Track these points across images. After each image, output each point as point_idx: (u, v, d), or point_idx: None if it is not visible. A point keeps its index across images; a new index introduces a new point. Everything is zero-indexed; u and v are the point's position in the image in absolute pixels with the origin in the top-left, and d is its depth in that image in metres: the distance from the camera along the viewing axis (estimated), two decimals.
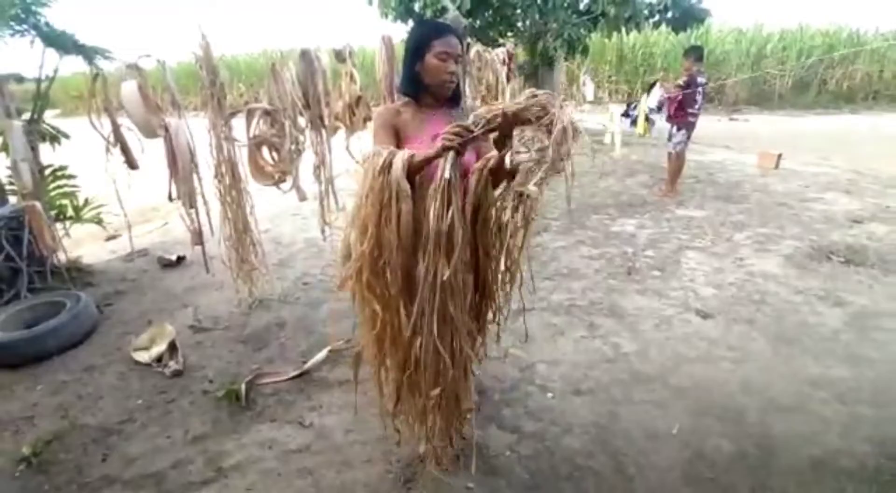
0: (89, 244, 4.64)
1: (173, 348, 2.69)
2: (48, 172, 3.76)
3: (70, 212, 3.95)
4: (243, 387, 2.31)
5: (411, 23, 8.06)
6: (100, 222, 4.12)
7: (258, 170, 2.99)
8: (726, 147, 8.00)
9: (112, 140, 2.70)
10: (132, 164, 2.84)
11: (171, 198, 2.79)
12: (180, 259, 4.00)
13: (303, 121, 3.01)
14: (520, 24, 8.76)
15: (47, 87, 3.64)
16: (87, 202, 4.06)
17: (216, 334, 2.91)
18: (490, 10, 8.32)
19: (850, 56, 13.21)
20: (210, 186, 2.87)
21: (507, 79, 4.42)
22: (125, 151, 2.77)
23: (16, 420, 2.25)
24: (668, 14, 8.12)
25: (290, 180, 3.05)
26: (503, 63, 4.33)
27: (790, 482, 1.77)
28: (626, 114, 6.91)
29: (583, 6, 8.15)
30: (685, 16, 8.12)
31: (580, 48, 8.21)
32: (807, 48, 14.24)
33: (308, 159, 3.11)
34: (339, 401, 2.24)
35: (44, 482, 1.89)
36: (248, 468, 1.91)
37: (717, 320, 2.86)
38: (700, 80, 4.93)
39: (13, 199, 3.50)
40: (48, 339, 2.70)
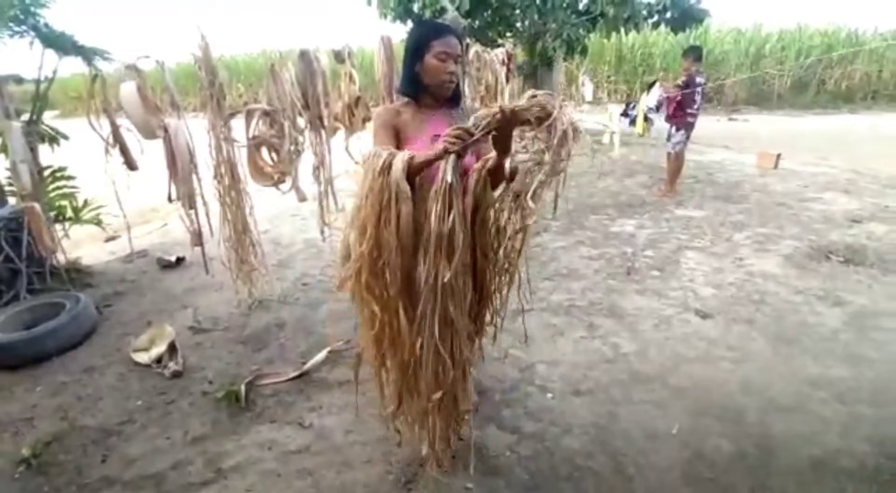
0: (88, 245, 4.64)
1: (173, 349, 2.69)
2: (47, 173, 3.76)
3: (69, 213, 3.95)
4: (243, 388, 2.32)
5: (410, 23, 8.06)
6: (99, 223, 4.12)
7: (257, 171, 2.99)
8: (725, 147, 8.01)
9: (111, 141, 2.70)
10: (131, 165, 2.84)
11: (170, 199, 2.78)
12: (180, 260, 4.00)
13: (302, 121, 3.00)
14: (519, 25, 8.76)
15: (46, 88, 3.64)
16: (86, 203, 4.06)
17: (216, 335, 2.91)
18: (489, 11, 8.32)
19: (848, 56, 13.22)
20: (209, 186, 2.87)
21: (507, 79, 4.41)
22: (124, 152, 2.77)
23: (15, 422, 2.25)
24: (667, 14, 8.12)
25: (289, 181, 3.04)
26: (502, 63, 4.33)
27: (790, 482, 1.77)
28: (626, 113, 6.92)
29: (582, 6, 8.15)
30: (684, 16, 8.12)
31: (579, 48, 8.21)
32: (805, 48, 14.25)
33: (307, 160, 3.11)
34: (338, 402, 2.24)
35: (43, 483, 1.89)
36: (248, 468, 1.91)
37: (717, 320, 2.86)
38: (699, 80, 4.93)
39: (12, 200, 3.50)
40: (47, 340, 2.70)
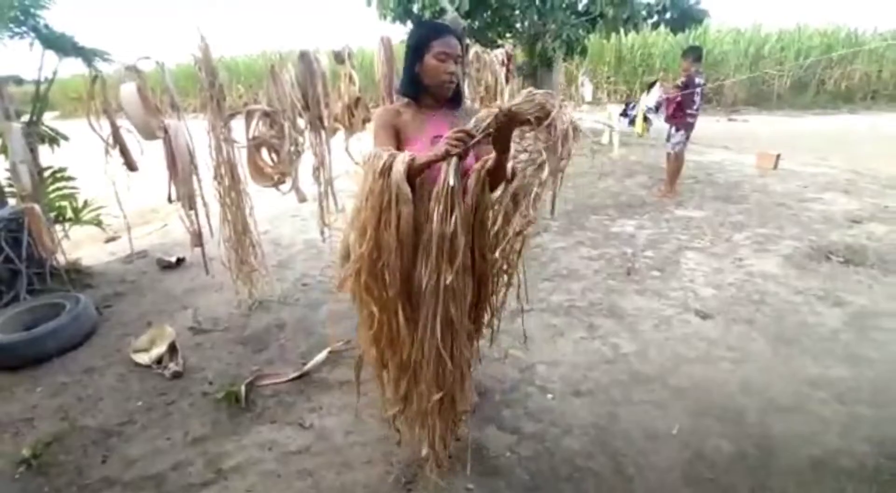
0: (88, 246, 4.64)
1: (173, 350, 2.69)
2: (47, 173, 3.76)
3: (69, 214, 3.95)
4: (243, 388, 2.32)
5: (410, 24, 8.06)
6: (99, 224, 4.12)
7: (257, 171, 2.99)
8: (725, 147, 8.01)
9: (111, 142, 2.70)
10: (131, 165, 2.84)
11: (170, 199, 2.79)
12: (180, 261, 4.00)
13: (302, 122, 3.01)
14: (518, 25, 8.76)
15: (46, 89, 3.64)
16: (86, 204, 4.05)
17: (216, 336, 2.91)
18: (489, 11, 8.31)
19: (848, 56, 13.21)
20: (209, 187, 2.87)
21: (506, 80, 4.42)
22: (124, 152, 2.77)
23: (15, 422, 2.25)
24: (667, 15, 8.11)
25: (289, 182, 3.04)
26: (502, 64, 4.33)
27: (790, 483, 1.78)
28: (625, 113, 6.91)
29: (581, 7, 8.14)
30: (683, 16, 8.11)
31: (579, 49, 8.21)
32: (805, 48, 14.24)
33: (307, 161, 3.11)
34: (339, 402, 2.24)
35: (44, 484, 1.89)
36: (248, 469, 1.91)
37: (717, 321, 2.86)
38: (698, 80, 4.93)
39: (12, 201, 3.50)
40: (48, 341, 2.70)
